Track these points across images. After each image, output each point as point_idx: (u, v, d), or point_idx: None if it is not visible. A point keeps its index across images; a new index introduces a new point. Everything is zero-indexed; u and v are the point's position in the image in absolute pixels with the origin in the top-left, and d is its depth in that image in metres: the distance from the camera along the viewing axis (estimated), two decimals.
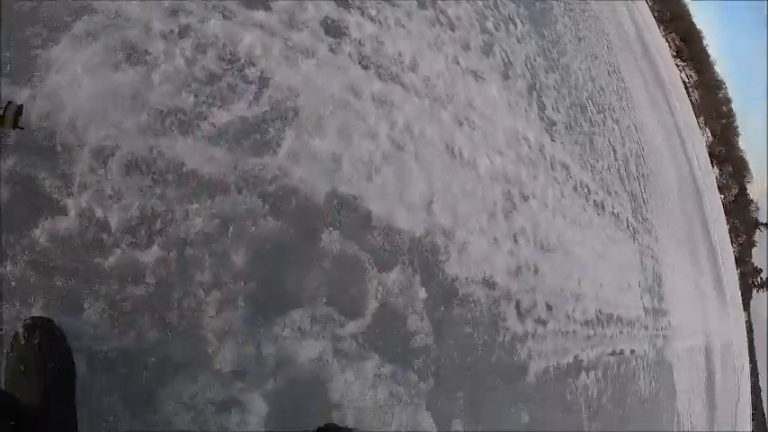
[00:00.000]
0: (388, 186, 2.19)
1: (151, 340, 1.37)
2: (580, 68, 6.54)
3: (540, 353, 3.06)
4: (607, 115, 6.97)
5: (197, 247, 1.53)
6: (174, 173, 1.56)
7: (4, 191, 1.23)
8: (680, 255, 9.82)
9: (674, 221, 10.23)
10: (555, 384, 3.24)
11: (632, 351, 5.05)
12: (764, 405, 34.51)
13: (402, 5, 2.95)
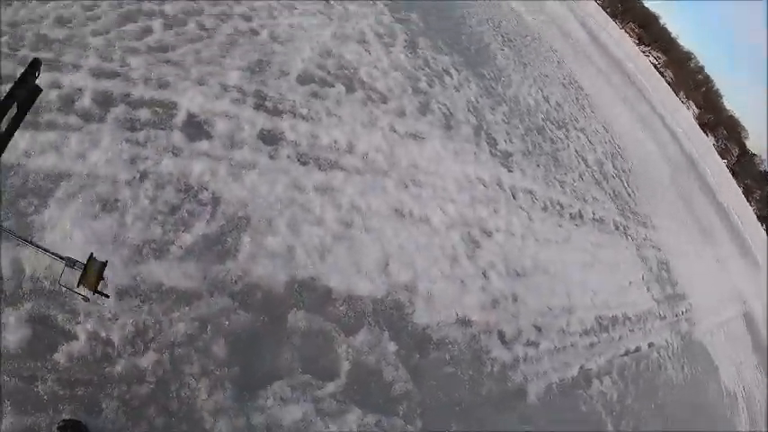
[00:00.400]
0: (342, 262, 2.47)
1: (159, 426, 1.69)
2: (530, 93, 6.86)
3: (537, 373, 3.17)
4: (570, 128, 7.22)
5: (184, 346, 1.87)
6: (156, 292, 1.92)
7: (27, 330, 1.62)
8: (686, 235, 9.83)
9: (671, 205, 10.31)
10: (563, 399, 3.29)
11: (650, 345, 5.00)
12: None
13: (330, 94, 3.36)
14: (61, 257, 1.25)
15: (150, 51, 2.76)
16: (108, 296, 1.32)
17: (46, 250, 1.24)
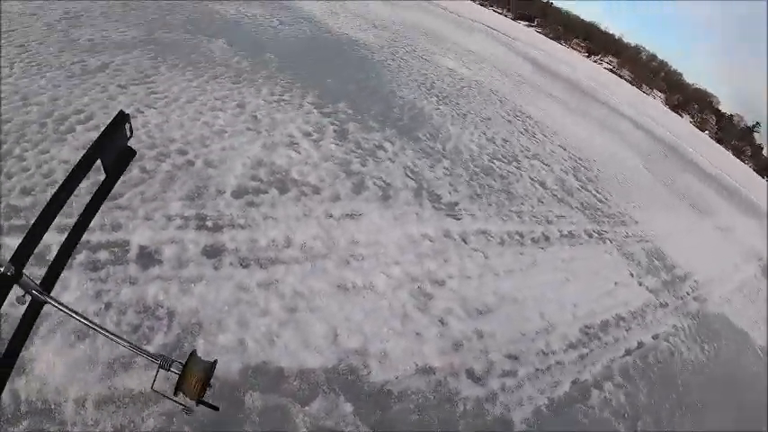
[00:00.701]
0: (290, 343, 2.75)
1: None
2: (472, 140, 7.29)
3: (520, 400, 3.26)
4: (521, 158, 7.59)
5: None
6: (128, 396, 2.20)
7: None
8: (675, 217, 10.04)
9: (651, 194, 10.58)
10: (557, 418, 3.33)
11: (655, 336, 4.96)
12: None
13: (264, 200, 3.77)
14: (154, 358, 1.06)
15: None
16: (217, 408, 1.10)
17: (136, 347, 1.07)
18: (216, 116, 4.90)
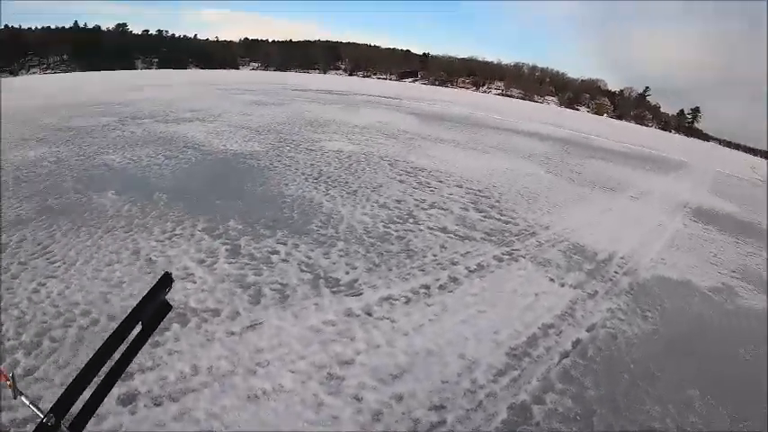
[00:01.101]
0: None
1: None
2: (365, 213, 7.75)
3: None
4: (417, 213, 8.08)
5: None
6: None
7: None
8: (588, 206, 10.73)
9: (561, 195, 11.33)
10: None
11: (590, 328, 5.08)
12: None
13: (168, 336, 4.04)
14: None
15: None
16: None
17: None
18: (113, 270, 5.14)
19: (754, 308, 6.61)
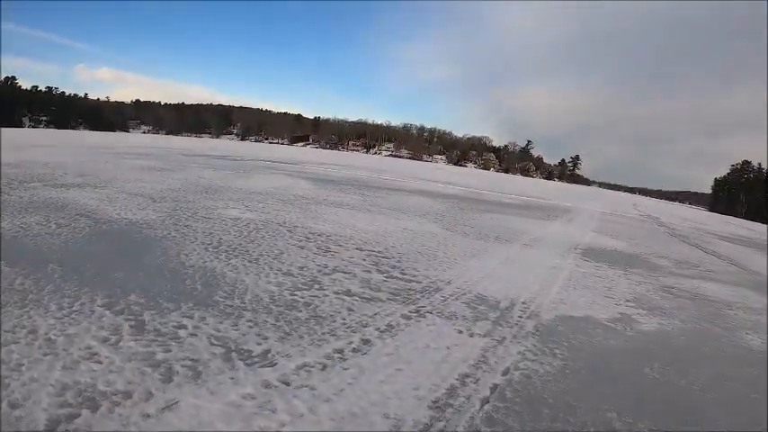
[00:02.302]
0: None
1: None
2: (270, 281, 7.75)
3: None
4: (321, 278, 8.21)
5: None
6: None
7: None
8: (485, 257, 11.49)
9: (454, 250, 12.06)
10: None
11: (505, 372, 5.38)
12: None
13: (79, 425, 3.73)
14: None
15: None
16: None
17: None
18: (10, 351, 4.68)
19: (651, 331, 7.57)
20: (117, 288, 6.73)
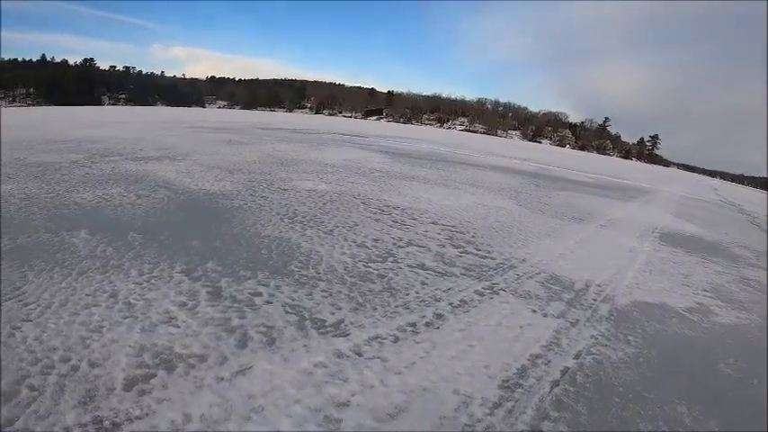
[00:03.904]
0: None
1: None
2: (344, 252, 7.85)
3: None
4: (395, 251, 8.22)
5: None
6: None
7: None
8: (559, 236, 11.07)
9: (533, 226, 11.78)
10: None
11: (577, 355, 5.24)
12: None
13: (155, 384, 3.95)
14: None
15: None
16: None
17: None
18: (91, 313, 5.01)
19: (728, 324, 7.04)
20: (195, 256, 7.03)
